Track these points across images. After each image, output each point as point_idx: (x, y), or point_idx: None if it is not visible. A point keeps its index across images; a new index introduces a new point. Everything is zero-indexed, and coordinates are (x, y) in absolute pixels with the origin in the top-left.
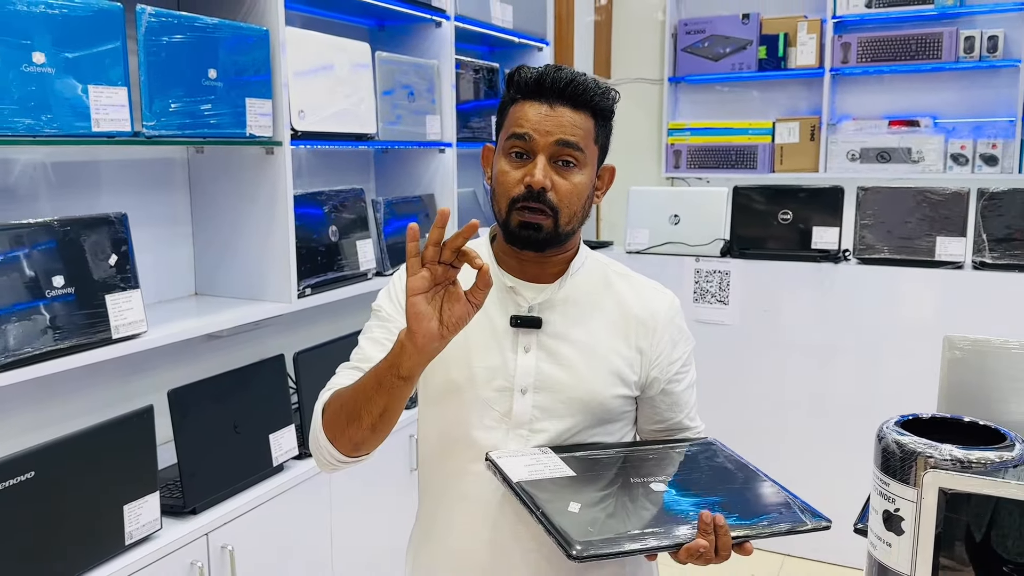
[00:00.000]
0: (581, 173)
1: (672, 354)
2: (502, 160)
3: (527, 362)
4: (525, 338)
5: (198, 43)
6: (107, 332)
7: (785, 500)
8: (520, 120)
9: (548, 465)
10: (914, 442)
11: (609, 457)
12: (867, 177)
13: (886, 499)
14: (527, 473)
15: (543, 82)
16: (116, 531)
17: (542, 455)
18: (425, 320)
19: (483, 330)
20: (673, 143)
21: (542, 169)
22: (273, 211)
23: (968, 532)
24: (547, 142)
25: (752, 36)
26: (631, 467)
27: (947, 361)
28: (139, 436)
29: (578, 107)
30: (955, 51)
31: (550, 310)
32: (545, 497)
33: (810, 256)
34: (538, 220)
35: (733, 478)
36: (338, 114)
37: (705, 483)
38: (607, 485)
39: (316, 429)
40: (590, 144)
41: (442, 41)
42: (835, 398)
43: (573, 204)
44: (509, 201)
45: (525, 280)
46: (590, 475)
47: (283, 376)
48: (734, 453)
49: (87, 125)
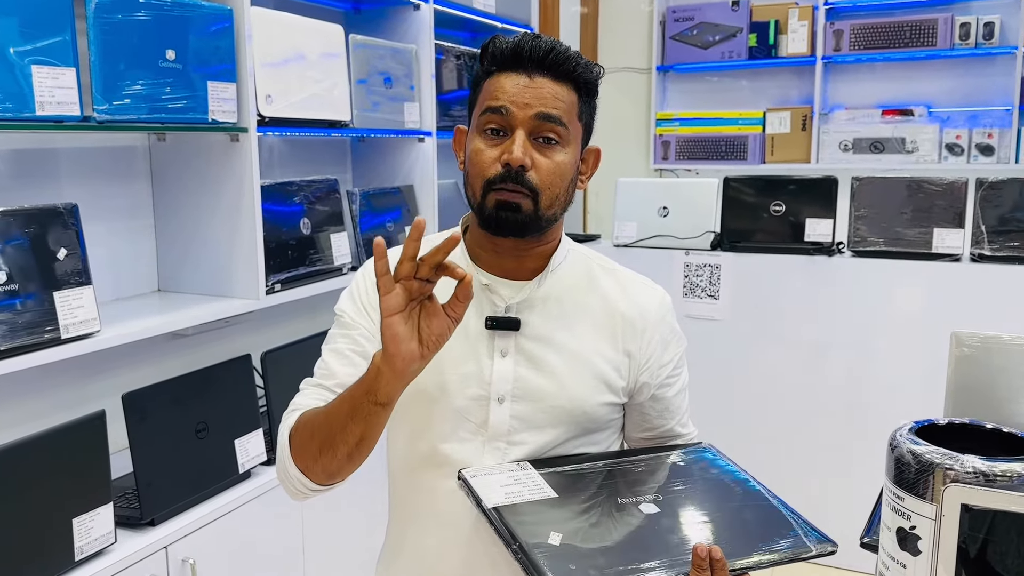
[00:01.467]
0: (564, 152)
1: (663, 356)
2: (476, 138)
3: (504, 368)
4: (502, 341)
5: (155, 21)
6: (56, 332)
7: (788, 521)
8: (496, 92)
9: (527, 484)
10: (932, 452)
11: (594, 472)
12: (860, 168)
13: (900, 515)
14: (503, 496)
15: (520, 51)
16: (64, 546)
17: (520, 471)
18: (404, 342)
19: (457, 334)
20: (662, 134)
21: (521, 145)
22: (239, 202)
23: (993, 553)
24: (526, 115)
25: (742, 23)
26: (618, 484)
27: (955, 359)
28: (90, 443)
29: (560, 78)
30: (950, 38)
31: (529, 310)
32: (523, 527)
33: (803, 249)
34: (517, 199)
35: (730, 494)
36: (309, 100)
37: (700, 502)
38: (592, 508)
39: (284, 458)
40: (573, 120)
41: (420, 25)
42: (829, 395)
43: (555, 186)
44: (484, 182)
45: (502, 277)
46: (573, 495)
47: (250, 377)
48: (730, 463)
49: (31, 108)
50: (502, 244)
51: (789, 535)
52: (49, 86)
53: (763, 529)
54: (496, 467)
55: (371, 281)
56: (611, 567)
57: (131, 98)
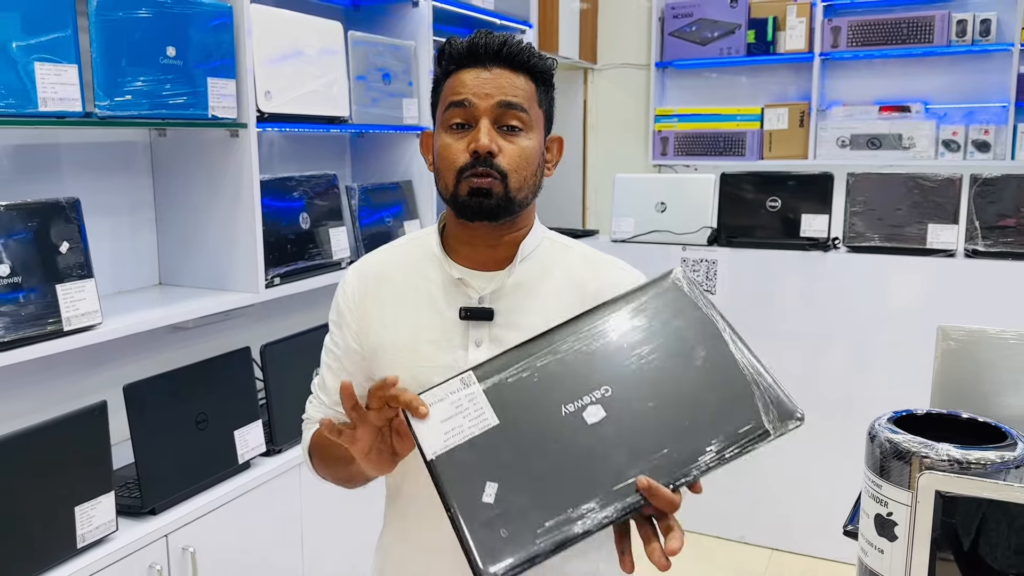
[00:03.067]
0: (528, 138)
1: None
2: (442, 135)
3: (479, 357)
4: (476, 331)
5: (156, 18)
6: (59, 324)
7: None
8: (457, 88)
9: (468, 412)
10: (908, 441)
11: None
12: (857, 164)
13: (878, 502)
14: (442, 438)
15: (476, 47)
16: (67, 534)
17: (464, 391)
18: (381, 466)
19: (433, 327)
20: (660, 130)
21: (487, 132)
22: (239, 197)
23: (966, 538)
24: (488, 105)
25: (740, 20)
26: (566, 381)
27: (941, 352)
28: (92, 433)
29: (516, 69)
30: (947, 35)
31: (501, 299)
32: (457, 482)
33: (799, 244)
34: (487, 184)
35: (690, 359)
36: (308, 96)
37: (654, 383)
38: (533, 430)
39: (308, 465)
40: (534, 107)
41: (419, 22)
42: (825, 389)
43: (522, 169)
44: (456, 172)
45: (478, 269)
46: (516, 416)
47: (249, 369)
48: (698, 300)
49: (34, 104)
50: (476, 233)
51: (746, 419)
52: (51, 82)
53: (718, 415)
54: (440, 390)
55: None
56: (545, 520)
57: (132, 94)
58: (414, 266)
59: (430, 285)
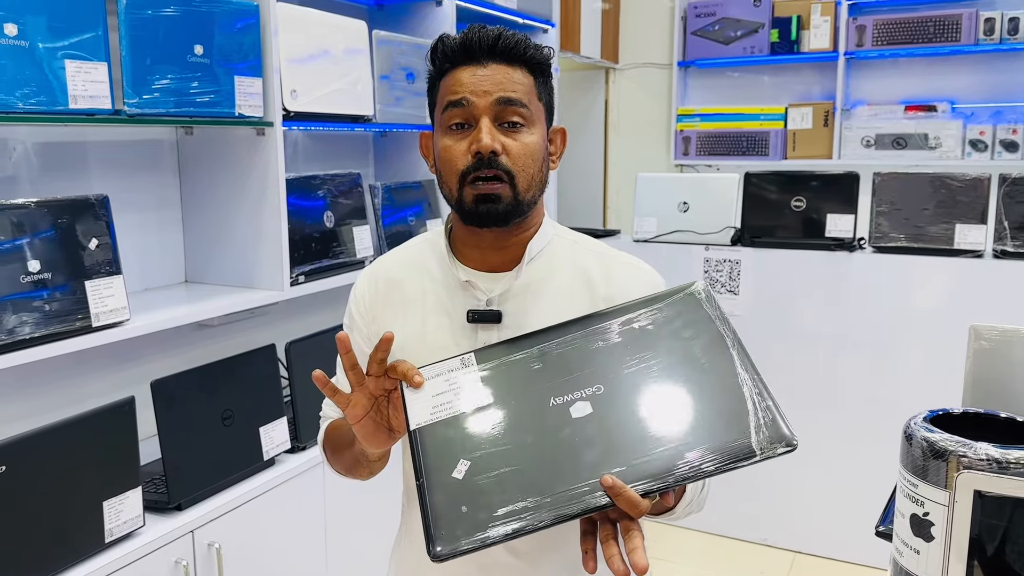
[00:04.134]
0: (531, 133)
1: None
2: (442, 137)
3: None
4: (485, 334)
5: (183, 17)
6: (87, 320)
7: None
8: (454, 87)
9: (461, 391)
10: (945, 440)
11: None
12: (882, 164)
13: (914, 502)
14: (429, 411)
15: (469, 43)
16: (95, 529)
17: (461, 370)
18: (373, 436)
19: (441, 331)
20: (682, 129)
21: (488, 131)
22: (264, 195)
23: (1005, 539)
24: (487, 103)
25: (764, 19)
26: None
27: (973, 352)
28: (120, 429)
29: (513, 62)
30: (974, 33)
31: (510, 301)
32: (433, 454)
33: (824, 245)
34: (495, 190)
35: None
36: (333, 94)
37: (647, 388)
38: (518, 417)
39: (323, 457)
40: (534, 100)
41: (443, 21)
42: (849, 391)
43: (529, 167)
44: (459, 176)
45: (487, 271)
46: (508, 398)
47: (274, 366)
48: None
49: (64, 102)
50: (484, 237)
51: (735, 436)
52: (82, 80)
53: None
54: (438, 366)
55: (358, 295)
56: (505, 505)
57: (160, 92)
58: (424, 268)
59: (438, 287)
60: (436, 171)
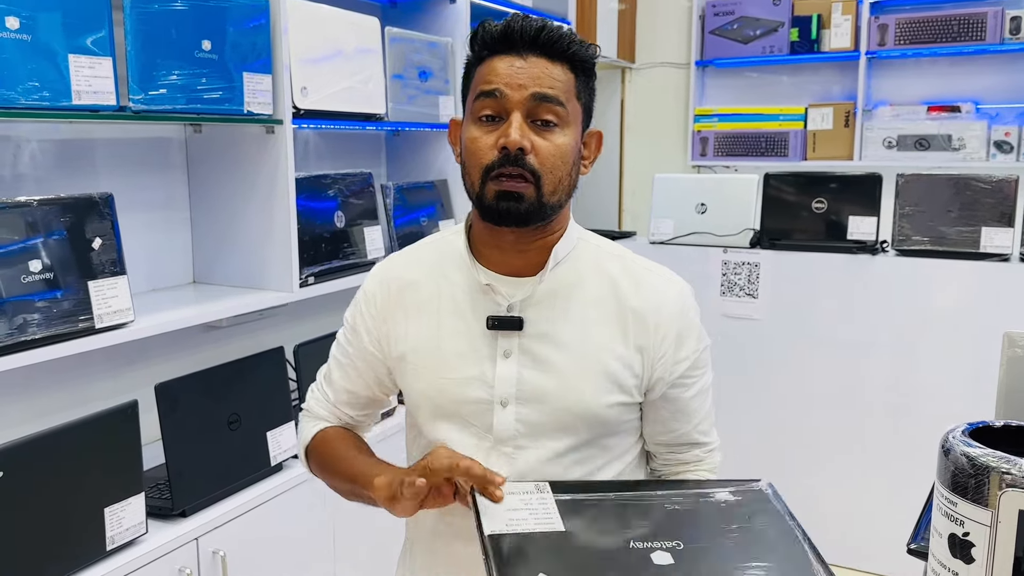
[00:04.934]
0: (564, 134)
1: (678, 353)
2: (471, 126)
3: (507, 370)
4: (505, 342)
5: (191, 12)
6: (90, 321)
7: None
8: (488, 76)
9: (536, 511)
10: (987, 455)
11: (619, 503)
12: (904, 165)
13: (953, 521)
14: (504, 523)
15: (511, 31)
16: (96, 536)
17: (535, 494)
18: (404, 511)
19: (458, 335)
20: (700, 130)
21: (518, 128)
22: (274, 194)
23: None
24: (521, 97)
25: (784, 17)
26: (638, 521)
27: (1007, 359)
28: (122, 433)
29: (554, 57)
30: (999, 32)
31: (532, 307)
32: (510, 563)
33: (845, 248)
34: (518, 188)
35: (766, 551)
36: (344, 92)
37: (725, 557)
38: (596, 548)
39: (304, 464)
40: (572, 100)
41: (456, 18)
42: (871, 397)
43: (557, 169)
44: (482, 170)
45: (507, 274)
46: (582, 530)
47: (283, 369)
48: (784, 510)
49: (68, 98)
50: (504, 238)
51: None
52: (86, 75)
53: None
54: (513, 485)
55: (369, 292)
56: None
57: (167, 88)
58: (439, 269)
59: (455, 290)
60: (461, 161)
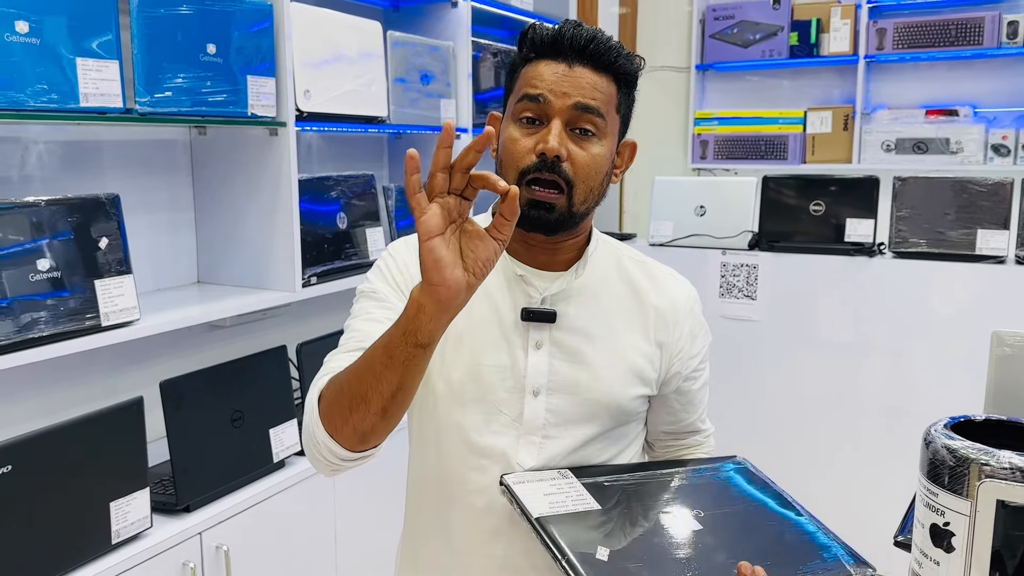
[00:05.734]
0: (600, 144)
1: (692, 348)
2: (511, 126)
3: (539, 361)
4: (537, 333)
5: (196, 16)
6: (96, 319)
7: (827, 544)
8: (534, 80)
9: (570, 495)
10: (967, 447)
11: (634, 484)
12: (903, 168)
13: (934, 511)
14: (547, 506)
15: (561, 39)
16: (102, 530)
17: (562, 480)
18: (447, 268)
19: (489, 324)
20: (700, 133)
21: (557, 135)
22: (277, 196)
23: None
24: (564, 105)
25: (783, 22)
26: (660, 497)
27: (995, 358)
28: (127, 429)
29: (600, 69)
30: (997, 36)
31: (564, 302)
32: (570, 540)
33: (843, 250)
34: (550, 199)
35: (770, 514)
36: (347, 95)
37: (741, 521)
38: (636, 523)
39: (312, 423)
40: (611, 112)
41: (458, 23)
42: (868, 398)
43: (591, 179)
44: (518, 173)
45: (535, 267)
46: (616, 509)
47: (285, 368)
48: (766, 478)
49: (75, 100)
50: (534, 238)
51: (830, 559)
52: (93, 78)
53: (804, 552)
54: (537, 473)
55: (400, 262)
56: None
57: (172, 91)
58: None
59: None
60: (497, 157)
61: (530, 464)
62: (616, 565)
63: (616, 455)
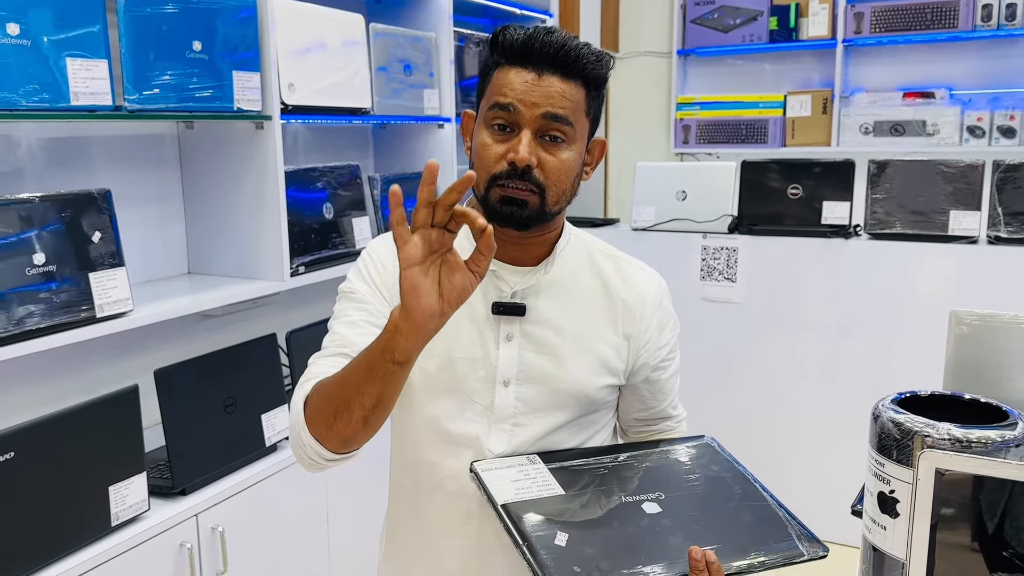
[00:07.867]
0: (570, 149)
1: (659, 339)
2: (483, 132)
3: (510, 352)
4: (507, 326)
5: (182, 13)
6: (91, 311)
7: (783, 523)
8: (504, 88)
9: (535, 480)
10: (911, 420)
11: (600, 467)
12: (881, 151)
13: (881, 480)
14: (513, 492)
15: (531, 46)
16: (102, 512)
17: (530, 466)
18: (424, 296)
19: (463, 317)
20: (682, 118)
21: (527, 145)
22: (264, 188)
23: (967, 515)
24: (533, 115)
25: (763, 7)
26: (622, 480)
27: (954, 337)
28: (124, 415)
29: (569, 76)
30: (972, 19)
31: (534, 296)
32: (531, 525)
33: (820, 232)
34: (523, 196)
35: (729, 493)
36: (331, 88)
37: (700, 501)
38: (596, 507)
39: (298, 426)
40: (580, 117)
41: (440, 13)
42: (846, 377)
43: (561, 182)
44: (490, 178)
45: (506, 263)
46: (579, 493)
47: (275, 355)
48: (730, 457)
49: (66, 99)
50: (507, 233)
51: (784, 539)
52: (83, 77)
53: (759, 531)
54: (506, 460)
55: (378, 262)
56: (614, 570)
57: (160, 88)
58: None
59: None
60: (470, 158)
61: (500, 450)
62: (573, 550)
63: (585, 441)
